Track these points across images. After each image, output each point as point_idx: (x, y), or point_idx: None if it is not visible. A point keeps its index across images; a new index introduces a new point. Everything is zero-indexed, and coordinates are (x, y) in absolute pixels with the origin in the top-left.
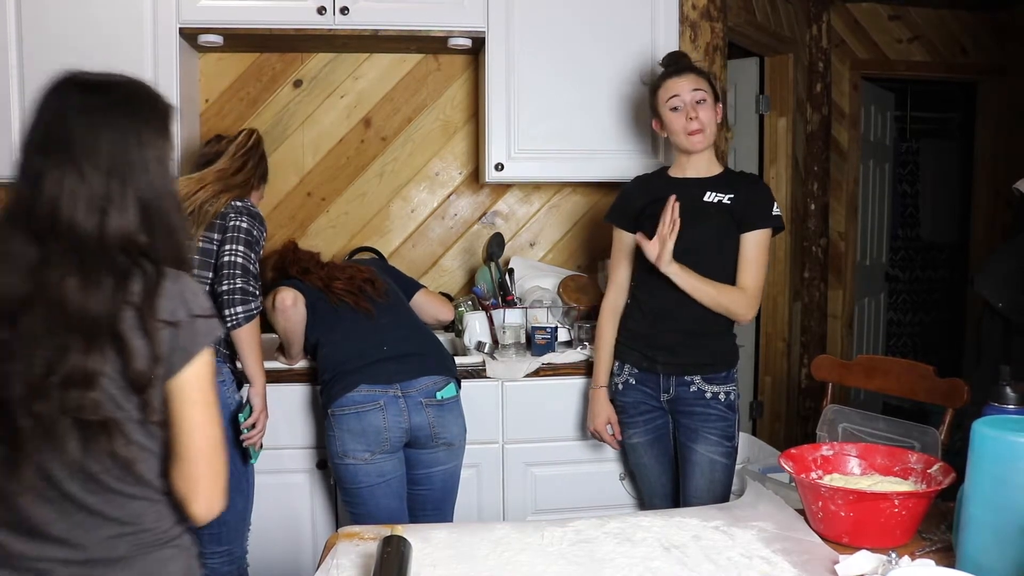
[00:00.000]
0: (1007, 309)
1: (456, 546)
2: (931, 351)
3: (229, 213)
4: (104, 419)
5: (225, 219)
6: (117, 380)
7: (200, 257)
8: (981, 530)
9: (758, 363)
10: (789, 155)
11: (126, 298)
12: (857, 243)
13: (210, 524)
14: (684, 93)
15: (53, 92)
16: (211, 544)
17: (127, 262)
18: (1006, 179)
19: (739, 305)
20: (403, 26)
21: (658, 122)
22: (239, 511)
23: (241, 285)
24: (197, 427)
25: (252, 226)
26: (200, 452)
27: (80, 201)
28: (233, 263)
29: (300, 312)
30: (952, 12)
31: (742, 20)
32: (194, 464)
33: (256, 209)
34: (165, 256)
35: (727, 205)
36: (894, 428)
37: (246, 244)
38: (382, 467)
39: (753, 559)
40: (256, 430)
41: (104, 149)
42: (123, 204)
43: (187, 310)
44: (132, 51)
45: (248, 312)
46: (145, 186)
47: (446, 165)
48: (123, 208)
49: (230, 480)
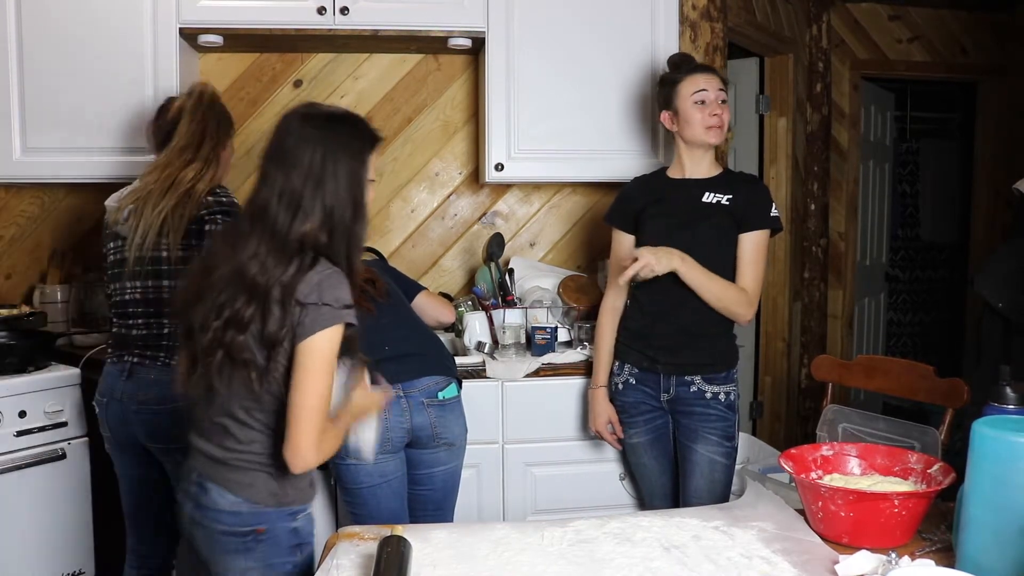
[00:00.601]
0: (1007, 309)
1: (456, 546)
2: (931, 351)
3: (203, 215)
4: (244, 359)
5: (201, 223)
6: (257, 336)
7: (182, 267)
8: (981, 530)
9: (758, 363)
10: (789, 155)
11: (280, 277)
12: (857, 243)
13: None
14: (712, 90)
15: (286, 116)
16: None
17: (295, 251)
18: (1006, 179)
19: (740, 305)
20: (403, 26)
21: (671, 115)
22: None
23: None
24: (301, 387)
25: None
26: (299, 408)
27: (283, 200)
28: None
29: None
30: (952, 12)
31: (742, 20)
32: (293, 416)
33: (227, 198)
34: (338, 253)
35: (726, 206)
36: (894, 428)
37: None
38: (383, 467)
39: (753, 559)
40: None
41: (305, 163)
42: (311, 208)
43: (318, 297)
44: (132, 51)
45: None
46: (332, 196)
47: (446, 165)
48: (310, 211)
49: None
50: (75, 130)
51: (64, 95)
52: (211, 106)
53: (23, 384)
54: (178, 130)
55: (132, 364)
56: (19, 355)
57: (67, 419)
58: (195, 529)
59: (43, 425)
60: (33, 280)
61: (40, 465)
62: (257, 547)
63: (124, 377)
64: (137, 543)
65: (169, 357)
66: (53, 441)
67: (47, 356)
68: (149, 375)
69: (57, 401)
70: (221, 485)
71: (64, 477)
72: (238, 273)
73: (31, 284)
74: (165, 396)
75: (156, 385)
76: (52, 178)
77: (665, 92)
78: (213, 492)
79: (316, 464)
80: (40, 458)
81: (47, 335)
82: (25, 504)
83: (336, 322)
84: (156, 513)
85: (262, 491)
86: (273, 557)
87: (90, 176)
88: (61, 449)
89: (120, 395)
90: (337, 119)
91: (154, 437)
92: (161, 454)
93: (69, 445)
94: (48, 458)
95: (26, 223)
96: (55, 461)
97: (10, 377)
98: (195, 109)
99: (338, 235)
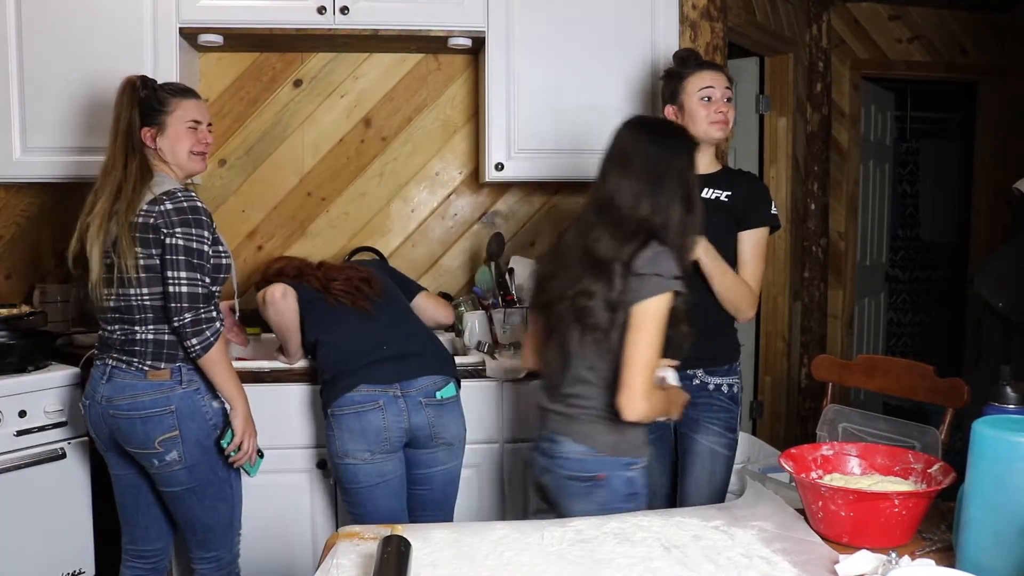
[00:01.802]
0: (1007, 309)
1: (456, 546)
2: (931, 351)
3: (158, 223)
4: (593, 323)
5: (158, 231)
6: (601, 303)
7: (146, 275)
8: (981, 530)
9: (758, 363)
10: (789, 155)
11: (619, 255)
12: (857, 243)
13: (195, 531)
14: (719, 88)
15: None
16: (198, 550)
17: (634, 234)
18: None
19: (746, 300)
20: (403, 26)
21: (675, 110)
22: (225, 518)
23: (191, 318)
24: (633, 343)
25: (189, 238)
26: (630, 361)
27: (626, 193)
28: (179, 295)
29: (291, 305)
30: (952, 12)
31: (742, 20)
32: (627, 368)
33: (181, 200)
34: (672, 237)
35: (725, 202)
36: (894, 428)
37: (187, 267)
38: (382, 467)
39: (753, 559)
40: (241, 452)
41: (646, 163)
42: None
43: (651, 269)
44: (132, 51)
45: (204, 342)
46: (667, 190)
47: (446, 165)
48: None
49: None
50: (75, 130)
51: (64, 95)
52: (120, 96)
53: (23, 384)
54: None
55: (111, 368)
56: (19, 355)
57: (67, 419)
58: (545, 476)
59: (43, 425)
60: (33, 280)
61: (40, 465)
62: (596, 492)
63: (104, 380)
64: (130, 541)
65: (143, 363)
66: (53, 441)
67: (47, 356)
68: (124, 379)
69: (57, 401)
70: (569, 436)
71: (64, 477)
72: (587, 252)
73: (31, 284)
74: (137, 403)
75: (130, 389)
76: (52, 178)
77: (671, 87)
78: (563, 443)
79: (644, 412)
80: (40, 458)
81: (47, 335)
82: (25, 504)
83: (666, 289)
84: (147, 510)
85: (602, 440)
86: (610, 503)
87: (90, 176)
88: (61, 449)
89: (100, 398)
90: (669, 128)
91: (128, 440)
92: (139, 457)
93: (69, 445)
94: (48, 458)
95: (26, 223)
96: (55, 461)
97: (10, 377)
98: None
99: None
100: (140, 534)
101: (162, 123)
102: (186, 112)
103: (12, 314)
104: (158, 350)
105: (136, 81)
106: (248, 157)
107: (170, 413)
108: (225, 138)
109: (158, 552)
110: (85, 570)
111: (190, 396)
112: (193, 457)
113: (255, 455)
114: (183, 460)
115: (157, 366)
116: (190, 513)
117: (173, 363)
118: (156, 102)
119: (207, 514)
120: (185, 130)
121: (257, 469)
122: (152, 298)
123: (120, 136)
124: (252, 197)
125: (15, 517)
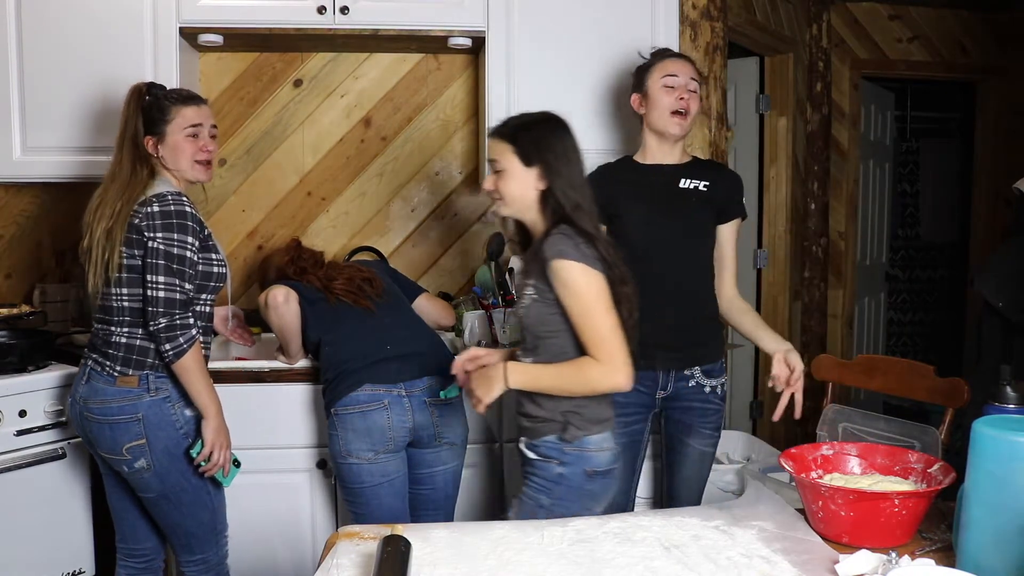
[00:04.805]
0: (1007, 309)
1: (456, 546)
2: (931, 351)
3: (142, 225)
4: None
5: (141, 233)
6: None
7: (127, 275)
8: (981, 530)
9: (758, 363)
10: (789, 155)
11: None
12: (857, 243)
13: (177, 535)
14: (682, 76)
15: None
16: (184, 553)
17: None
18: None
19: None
20: (403, 26)
21: (640, 98)
22: (204, 522)
23: (165, 324)
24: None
25: (170, 243)
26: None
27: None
28: (155, 299)
29: (293, 308)
30: (952, 12)
31: (742, 20)
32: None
33: (169, 203)
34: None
35: (704, 192)
36: (894, 428)
37: (166, 272)
38: (386, 467)
39: (753, 559)
40: (211, 463)
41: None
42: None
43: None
44: (132, 50)
45: (177, 348)
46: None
47: (446, 165)
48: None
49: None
50: (75, 130)
51: (64, 95)
52: (127, 105)
53: (23, 384)
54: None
55: (89, 369)
56: (19, 354)
57: (67, 419)
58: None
59: (43, 425)
60: (33, 280)
61: (40, 465)
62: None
63: (84, 380)
64: (121, 539)
65: (113, 367)
66: (53, 441)
67: (47, 356)
68: (98, 383)
69: (57, 400)
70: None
71: (64, 477)
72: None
73: (31, 284)
74: (106, 408)
75: (101, 394)
76: (52, 178)
77: (639, 75)
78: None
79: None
80: (40, 458)
81: (47, 334)
82: (25, 504)
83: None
84: (133, 510)
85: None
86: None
87: (90, 176)
88: (61, 449)
89: (79, 398)
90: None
91: (98, 445)
92: (110, 462)
93: (69, 445)
94: (48, 458)
95: (26, 223)
96: (55, 461)
97: (10, 376)
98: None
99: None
100: (129, 533)
101: (162, 132)
102: (184, 119)
103: (12, 314)
104: (128, 355)
105: (142, 88)
106: (248, 157)
107: (137, 421)
108: (225, 138)
109: (149, 551)
110: (85, 570)
111: (158, 404)
112: (162, 465)
113: (228, 465)
114: (151, 468)
115: (126, 372)
116: (169, 519)
117: (141, 370)
118: (157, 110)
119: (187, 520)
120: (184, 138)
121: (232, 479)
122: (131, 299)
123: (127, 143)
124: (252, 197)
125: (15, 517)
